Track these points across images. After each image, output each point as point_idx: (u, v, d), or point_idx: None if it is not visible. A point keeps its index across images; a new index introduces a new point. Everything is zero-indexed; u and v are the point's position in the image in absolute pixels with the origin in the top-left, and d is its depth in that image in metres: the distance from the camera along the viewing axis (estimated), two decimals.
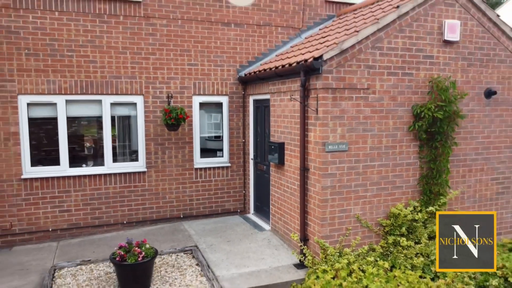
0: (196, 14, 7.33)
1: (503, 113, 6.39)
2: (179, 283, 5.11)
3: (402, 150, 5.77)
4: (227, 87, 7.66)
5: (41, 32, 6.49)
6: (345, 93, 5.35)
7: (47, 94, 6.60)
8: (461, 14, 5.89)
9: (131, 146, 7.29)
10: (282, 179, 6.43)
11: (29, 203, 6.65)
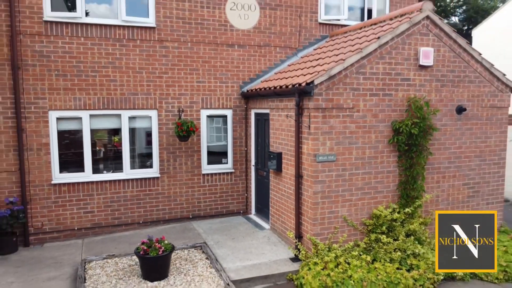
0: (204, 37, 8.25)
1: (473, 127, 7.31)
2: (192, 273, 6.03)
3: (383, 160, 6.69)
4: (231, 101, 8.58)
5: (69, 55, 7.42)
6: (333, 112, 6.27)
7: (74, 110, 7.52)
8: (434, 42, 6.81)
9: (146, 154, 8.21)
10: (280, 184, 7.35)
11: (57, 205, 7.58)
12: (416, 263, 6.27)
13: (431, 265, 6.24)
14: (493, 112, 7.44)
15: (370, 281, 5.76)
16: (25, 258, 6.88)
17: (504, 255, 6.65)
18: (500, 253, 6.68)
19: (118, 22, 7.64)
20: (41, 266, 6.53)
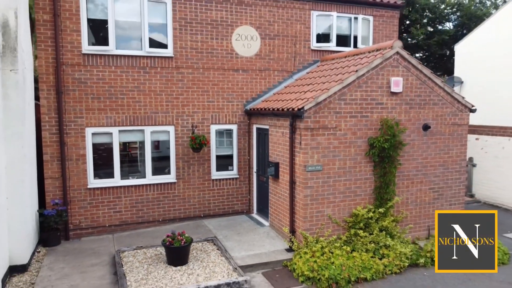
0: (213, 64, 9.76)
1: (437, 141, 8.82)
2: (207, 260, 7.55)
3: (361, 169, 8.20)
4: (236, 118, 10.10)
5: (102, 81, 8.93)
6: (320, 131, 7.78)
7: (106, 126, 9.04)
8: (403, 72, 8.32)
9: (165, 163, 9.72)
10: (277, 188, 8.87)
11: (92, 206, 9.10)
12: (387, 252, 7.78)
13: (399, 254, 7.76)
14: (454, 128, 8.95)
15: (348, 266, 7.27)
16: (68, 249, 8.41)
17: None
18: None
19: (143, 53, 9.15)
20: (83, 255, 8.05)
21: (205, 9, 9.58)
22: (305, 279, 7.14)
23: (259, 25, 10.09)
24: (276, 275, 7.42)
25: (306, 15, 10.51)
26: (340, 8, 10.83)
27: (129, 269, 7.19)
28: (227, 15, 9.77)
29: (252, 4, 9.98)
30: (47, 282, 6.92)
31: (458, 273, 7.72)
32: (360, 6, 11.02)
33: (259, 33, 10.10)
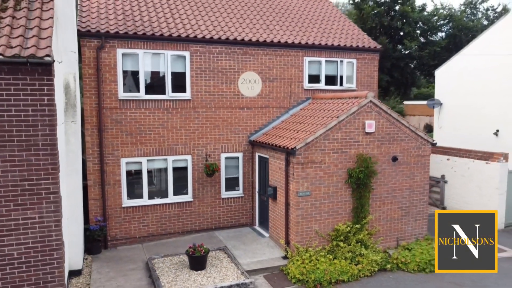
0: (223, 103, 11.89)
1: (404, 169, 10.95)
2: (220, 266, 9.68)
3: (341, 193, 10.33)
4: (242, 147, 12.23)
5: (134, 121, 11.07)
6: (308, 164, 9.91)
7: (136, 157, 11.17)
8: (376, 116, 10.45)
9: (183, 185, 11.85)
10: (275, 207, 11.00)
11: (125, 221, 11.23)
12: (361, 260, 9.90)
13: (371, 261, 9.88)
14: (418, 159, 11.09)
15: (330, 271, 9.40)
16: (109, 257, 10.55)
17: (420, 254, 10.28)
18: (417, 253, 10.32)
19: (166, 97, 11.29)
20: (122, 262, 10.20)
21: (216, 59, 11.71)
22: (297, 281, 9.28)
23: (260, 70, 12.22)
24: (274, 277, 9.56)
25: (299, 61, 12.64)
26: (328, 54, 12.97)
27: (161, 273, 9.32)
28: (234, 63, 11.91)
29: (255, 54, 12.11)
30: (99, 283, 9.07)
31: (416, 275, 9.88)
32: (345, 52, 13.15)
33: (260, 77, 12.24)
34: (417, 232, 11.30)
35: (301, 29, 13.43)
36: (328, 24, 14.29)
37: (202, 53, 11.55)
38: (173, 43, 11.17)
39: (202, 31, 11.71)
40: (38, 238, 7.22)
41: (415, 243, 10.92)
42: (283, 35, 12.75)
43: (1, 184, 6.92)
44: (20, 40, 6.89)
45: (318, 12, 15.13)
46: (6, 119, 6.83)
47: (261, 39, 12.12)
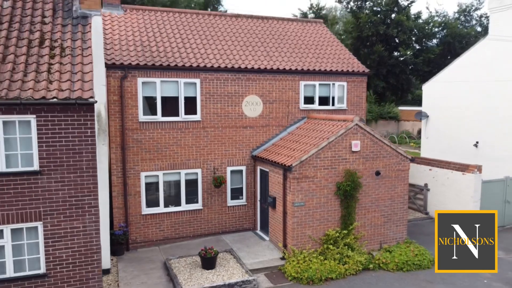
0: (229, 123, 13.58)
1: (386, 182, 12.64)
2: (227, 266, 11.38)
3: (331, 203, 12.02)
4: (245, 161, 13.92)
5: (152, 139, 12.76)
6: (303, 179, 11.60)
7: (154, 171, 12.86)
8: (361, 137, 12.13)
9: (194, 195, 13.54)
10: (275, 215, 12.69)
11: (144, 227, 12.93)
12: (348, 260, 11.58)
13: (356, 261, 11.56)
14: (398, 173, 12.77)
15: (321, 270, 11.09)
16: (131, 258, 12.24)
17: (399, 256, 11.97)
18: (396, 255, 12.01)
19: (180, 119, 12.98)
20: (143, 262, 11.90)
21: (223, 85, 13.40)
22: (292, 278, 10.98)
23: (261, 94, 13.91)
24: (273, 275, 11.26)
25: (296, 84, 14.33)
26: (322, 78, 14.65)
27: (178, 271, 11.02)
28: (238, 88, 13.59)
29: (257, 79, 13.79)
30: (126, 280, 10.77)
31: (395, 274, 11.58)
32: (336, 76, 14.84)
33: (261, 99, 13.92)
34: (397, 236, 13.00)
35: (298, 55, 15.11)
36: (322, 49, 15.97)
37: (211, 79, 13.23)
38: (185, 72, 12.85)
39: (211, 60, 13.39)
40: (82, 243, 8.93)
41: (395, 246, 12.61)
42: (282, 61, 14.43)
43: (54, 200, 8.64)
44: (69, 84, 8.59)
45: (314, 36, 16.80)
46: (58, 147, 8.54)
47: (262, 66, 13.80)
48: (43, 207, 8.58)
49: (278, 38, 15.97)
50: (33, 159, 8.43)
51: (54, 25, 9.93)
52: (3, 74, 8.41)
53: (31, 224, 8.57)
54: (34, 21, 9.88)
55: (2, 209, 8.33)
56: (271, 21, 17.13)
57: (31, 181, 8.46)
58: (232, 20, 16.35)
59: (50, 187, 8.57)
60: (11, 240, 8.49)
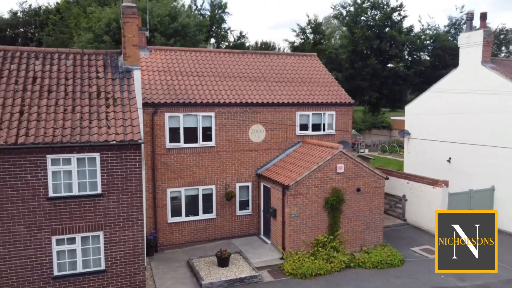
0: (238, 148, 16.58)
1: (365, 197, 15.62)
2: (238, 264, 14.38)
3: (320, 214, 15.02)
4: (251, 178, 16.92)
5: (176, 162, 15.76)
6: (298, 195, 14.60)
7: (177, 187, 15.86)
8: (345, 161, 15.12)
9: (209, 206, 16.54)
10: (275, 223, 15.68)
11: (169, 232, 15.94)
12: (333, 260, 14.56)
13: (340, 261, 14.52)
14: (375, 189, 15.76)
15: (312, 267, 14.08)
16: (160, 258, 15.24)
17: (375, 256, 14.95)
18: (373, 255, 15.00)
19: (198, 145, 15.98)
20: (170, 261, 14.90)
21: (233, 116, 16.40)
22: (289, 274, 13.97)
23: (265, 123, 16.91)
24: (274, 272, 14.26)
25: (293, 114, 17.33)
26: (314, 109, 17.65)
27: (199, 268, 14.02)
28: (246, 119, 16.59)
29: (261, 111, 16.79)
30: (159, 275, 13.78)
31: (370, 271, 14.58)
32: (327, 106, 17.83)
33: (264, 128, 16.92)
34: (375, 240, 15.99)
35: (295, 88, 18.11)
36: (315, 81, 18.96)
37: (223, 112, 16.23)
38: (203, 107, 15.86)
39: (223, 96, 16.40)
40: (131, 247, 11.94)
41: (373, 248, 15.61)
42: (281, 95, 17.43)
43: (112, 215, 11.65)
44: (122, 129, 11.60)
45: (308, 69, 19.79)
46: (115, 176, 11.54)
47: (265, 100, 16.81)
48: (104, 220, 11.59)
49: (278, 73, 18.97)
50: (97, 185, 11.44)
51: (106, 79, 12.95)
52: (75, 122, 11.43)
53: (95, 233, 11.58)
54: (91, 76, 12.90)
55: (75, 222, 11.34)
56: (272, 56, 20.14)
57: (95, 201, 11.47)
58: (239, 57, 19.35)
59: (109, 205, 11.58)
60: (81, 245, 11.50)
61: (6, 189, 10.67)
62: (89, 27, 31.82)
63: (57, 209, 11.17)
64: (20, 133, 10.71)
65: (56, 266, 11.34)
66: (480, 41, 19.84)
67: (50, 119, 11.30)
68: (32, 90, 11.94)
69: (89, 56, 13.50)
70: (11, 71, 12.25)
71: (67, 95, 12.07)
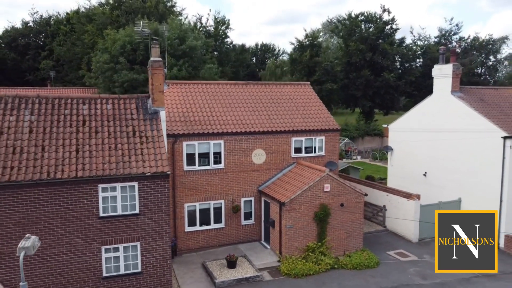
0: (242, 168, 19.92)
1: (347, 211, 18.99)
2: (243, 266, 17.76)
3: (311, 225, 18.37)
4: (253, 194, 20.29)
5: (192, 182, 19.10)
6: (292, 210, 17.96)
7: (193, 202, 19.21)
8: (331, 182, 18.45)
9: (219, 217, 19.90)
10: (274, 232, 19.05)
11: (186, 239, 19.33)
12: (321, 263, 17.94)
13: (327, 263, 17.91)
14: (356, 204, 19.12)
15: (303, 268, 17.46)
16: (179, 261, 18.62)
17: (355, 259, 18.33)
18: (353, 259, 18.38)
19: (210, 167, 19.33)
20: (188, 264, 18.30)
21: (239, 143, 19.73)
22: (285, 274, 17.37)
23: (265, 147, 20.24)
24: (273, 272, 17.66)
25: (289, 140, 20.66)
26: (307, 134, 20.98)
27: (212, 269, 17.41)
28: (249, 145, 19.93)
29: (262, 138, 20.12)
30: (180, 275, 17.16)
31: (351, 271, 17.99)
32: (317, 132, 21.16)
33: (265, 151, 20.26)
34: (356, 246, 19.37)
35: (290, 117, 21.41)
36: (308, 109, 22.26)
37: (231, 140, 19.56)
38: (214, 136, 19.19)
39: (230, 126, 19.72)
40: (161, 254, 15.32)
41: (354, 253, 18.99)
42: (279, 123, 20.75)
43: (146, 229, 15.01)
44: (154, 163, 14.94)
45: (302, 97, 23.08)
46: (149, 199, 14.90)
47: (265, 129, 20.14)
48: (140, 233, 14.96)
49: (276, 102, 22.27)
50: (136, 206, 14.79)
51: (139, 120, 16.27)
52: (118, 157, 14.77)
53: (133, 243, 14.95)
54: (127, 118, 16.21)
55: (119, 235, 14.70)
56: (272, 86, 23.45)
57: (134, 219, 14.82)
58: (243, 87, 22.65)
59: (144, 222, 14.94)
60: (123, 252, 14.87)
61: (68, 211, 14.03)
62: (105, 48, 35.02)
63: (105, 225, 14.53)
64: (78, 168, 14.06)
65: (104, 269, 14.73)
66: (450, 74, 23.11)
67: (99, 155, 14.64)
68: (83, 132, 15.27)
69: (124, 100, 16.81)
70: (66, 116, 15.56)
71: (110, 135, 15.40)
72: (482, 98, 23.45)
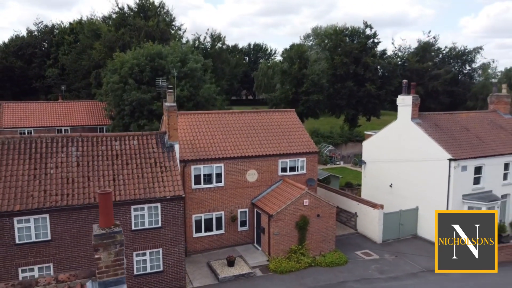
0: (239, 185, 24.64)
1: (323, 220, 23.78)
2: (240, 264, 22.54)
3: (293, 232, 23.17)
4: (248, 206, 25.05)
5: (198, 197, 23.82)
6: (278, 220, 22.74)
7: (199, 213, 23.93)
8: (309, 197, 23.21)
9: (220, 225, 24.64)
10: (264, 237, 23.83)
11: (194, 243, 24.07)
12: (301, 261, 22.79)
13: (306, 262, 22.78)
14: (329, 214, 23.93)
15: (287, 266, 22.30)
16: (189, 260, 23.34)
17: (328, 259, 23.22)
18: (327, 258, 23.27)
19: (212, 186, 24.03)
20: (196, 263, 23.05)
21: (236, 165, 24.42)
22: (272, 271, 22.21)
23: (257, 168, 24.95)
24: (263, 269, 22.49)
25: (276, 161, 25.40)
26: (291, 157, 25.71)
27: (215, 267, 22.19)
28: (244, 166, 24.62)
29: (254, 161, 24.82)
30: (190, 272, 21.93)
31: (325, 268, 22.93)
32: (300, 155, 25.90)
33: (257, 171, 24.98)
34: (329, 248, 24.26)
35: (277, 141, 26.11)
36: (291, 135, 26.96)
37: (230, 163, 24.25)
38: (216, 161, 23.86)
39: (228, 151, 24.38)
40: (178, 256, 20.06)
41: (328, 253, 23.87)
42: (268, 147, 25.45)
43: (167, 239, 19.72)
44: (172, 188, 19.61)
45: (287, 123, 27.76)
46: (168, 216, 19.59)
47: (257, 153, 24.84)
48: (162, 242, 19.65)
49: (266, 128, 26.94)
50: (159, 221, 19.46)
51: (158, 153, 20.86)
52: (144, 184, 19.40)
53: (157, 249, 19.65)
54: (149, 151, 20.79)
55: (146, 243, 19.38)
56: (263, 113, 28.12)
57: (157, 231, 19.51)
58: (239, 115, 27.28)
59: (165, 233, 19.63)
60: (149, 256, 19.58)
61: None
62: (115, 69, 39.33)
63: (136, 236, 19.20)
64: (116, 194, 18.67)
65: (135, 268, 19.45)
66: (410, 104, 27.91)
67: (131, 183, 19.26)
68: (117, 164, 19.85)
69: (146, 137, 21.37)
70: (103, 151, 20.11)
71: (137, 166, 20.00)
72: (437, 124, 28.32)
